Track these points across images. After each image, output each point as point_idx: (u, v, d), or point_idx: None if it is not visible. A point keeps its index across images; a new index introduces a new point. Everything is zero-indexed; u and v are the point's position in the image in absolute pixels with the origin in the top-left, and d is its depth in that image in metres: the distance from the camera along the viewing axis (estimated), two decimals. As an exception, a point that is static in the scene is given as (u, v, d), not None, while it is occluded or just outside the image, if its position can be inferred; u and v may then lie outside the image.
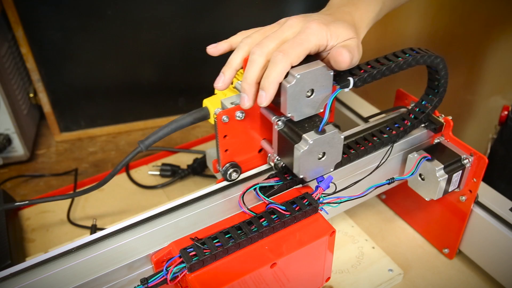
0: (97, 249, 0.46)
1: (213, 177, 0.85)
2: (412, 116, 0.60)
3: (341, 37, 0.47)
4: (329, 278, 0.52)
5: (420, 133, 0.61)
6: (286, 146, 0.49)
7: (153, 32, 0.92)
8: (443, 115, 0.61)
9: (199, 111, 0.53)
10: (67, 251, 0.46)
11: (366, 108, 0.81)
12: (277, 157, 0.53)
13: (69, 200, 0.79)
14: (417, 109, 0.60)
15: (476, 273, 0.65)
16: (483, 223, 0.61)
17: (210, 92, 1.10)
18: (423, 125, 0.61)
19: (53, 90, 0.94)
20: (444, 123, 0.60)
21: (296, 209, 0.48)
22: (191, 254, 0.43)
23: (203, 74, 0.72)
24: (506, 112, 0.83)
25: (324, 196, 0.50)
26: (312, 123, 0.48)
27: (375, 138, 0.58)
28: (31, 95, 0.96)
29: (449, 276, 0.65)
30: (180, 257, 0.43)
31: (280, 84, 0.45)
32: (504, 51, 1.07)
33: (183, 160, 0.87)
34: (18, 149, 0.90)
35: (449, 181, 0.58)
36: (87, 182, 0.84)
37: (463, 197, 0.61)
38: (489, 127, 0.90)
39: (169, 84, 1.00)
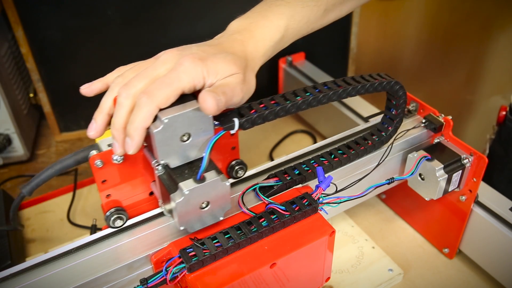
0: (97, 249, 0.46)
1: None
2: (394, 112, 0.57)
3: (220, 73, 0.43)
4: (329, 278, 0.52)
5: (420, 133, 0.61)
6: (166, 194, 0.44)
7: (153, 32, 0.92)
8: (443, 115, 0.61)
9: (86, 150, 0.48)
10: (67, 251, 0.46)
11: (366, 108, 0.81)
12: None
13: (69, 200, 0.79)
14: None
15: (476, 273, 0.65)
16: (483, 222, 0.61)
17: (210, 92, 1.09)
18: (423, 124, 0.61)
19: (53, 90, 0.94)
20: (444, 123, 0.60)
21: (296, 209, 0.48)
22: (190, 254, 0.43)
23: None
24: (504, 113, 0.83)
25: (323, 196, 0.50)
26: (194, 168, 0.44)
27: (374, 137, 0.58)
28: (31, 95, 0.96)
29: (449, 276, 0.65)
30: (179, 257, 0.43)
31: (148, 128, 0.41)
32: (504, 51, 1.07)
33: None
34: (18, 149, 0.90)
35: (449, 181, 0.58)
36: (87, 182, 0.84)
37: (463, 197, 0.61)
38: (489, 127, 0.90)
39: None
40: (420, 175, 0.59)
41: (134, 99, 0.41)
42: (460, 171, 0.58)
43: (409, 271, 0.66)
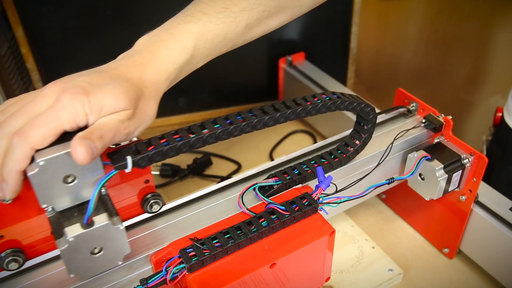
0: (96, 249, 0.46)
1: (213, 177, 0.85)
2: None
3: (105, 110, 0.38)
4: (329, 278, 0.52)
5: (420, 133, 0.61)
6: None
7: (153, 32, 0.92)
8: (443, 115, 0.61)
9: None
10: (67, 251, 0.46)
11: (366, 108, 0.81)
12: None
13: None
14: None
15: (476, 272, 0.65)
16: (483, 222, 0.61)
17: (211, 91, 1.10)
18: (423, 124, 0.61)
19: (53, 90, 0.93)
20: (444, 123, 0.60)
21: (296, 209, 0.48)
22: (190, 254, 0.43)
23: (203, 74, 0.72)
24: (500, 114, 0.83)
25: (323, 196, 0.50)
26: (85, 211, 0.39)
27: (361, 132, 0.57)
28: (31, 95, 0.96)
29: (449, 276, 0.65)
30: (179, 257, 0.43)
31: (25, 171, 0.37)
32: (504, 51, 1.07)
33: (183, 160, 0.87)
34: (18, 149, 0.90)
35: (449, 181, 0.58)
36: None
37: (463, 197, 0.61)
38: (489, 127, 0.90)
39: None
40: (420, 175, 0.59)
41: (9, 139, 0.37)
42: (460, 171, 0.58)
43: (409, 271, 0.66)
